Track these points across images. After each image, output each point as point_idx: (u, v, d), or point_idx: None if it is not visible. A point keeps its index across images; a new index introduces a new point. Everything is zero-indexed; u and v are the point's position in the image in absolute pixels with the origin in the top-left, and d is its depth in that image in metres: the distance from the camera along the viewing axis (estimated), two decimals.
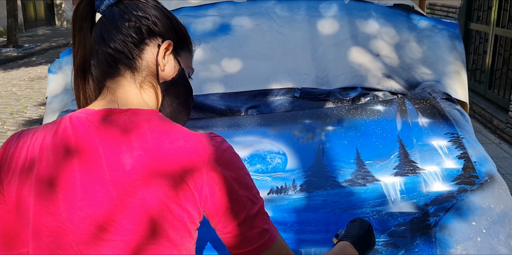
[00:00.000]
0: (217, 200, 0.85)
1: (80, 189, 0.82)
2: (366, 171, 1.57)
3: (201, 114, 2.04)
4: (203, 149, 0.85)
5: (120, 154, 0.83)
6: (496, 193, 1.48)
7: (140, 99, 0.91)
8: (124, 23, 0.90)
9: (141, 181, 0.82)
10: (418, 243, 1.31)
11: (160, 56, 0.92)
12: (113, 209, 0.82)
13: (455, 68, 2.23)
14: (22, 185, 0.84)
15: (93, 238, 0.82)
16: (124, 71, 0.91)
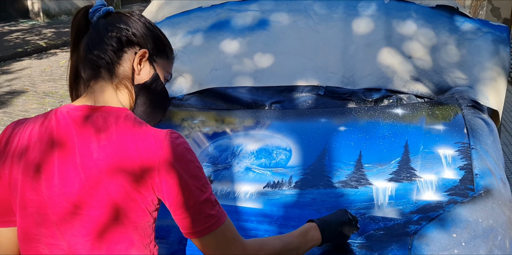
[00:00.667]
0: (169, 188, 0.98)
1: (57, 171, 0.99)
2: (362, 174, 1.62)
3: (229, 105, 2.17)
4: (159, 145, 0.98)
5: (90, 144, 0.99)
6: (488, 208, 1.48)
7: (114, 98, 1.06)
8: (107, 33, 1.06)
9: (105, 167, 0.97)
10: (393, 249, 1.36)
11: (135, 62, 1.07)
12: (81, 188, 0.98)
13: (492, 74, 2.17)
14: (15, 166, 1.02)
15: (66, 211, 0.99)
16: (104, 74, 1.06)
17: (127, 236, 1.01)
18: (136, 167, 0.97)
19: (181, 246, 1.42)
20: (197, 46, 2.36)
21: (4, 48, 8.13)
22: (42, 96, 5.82)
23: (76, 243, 1.00)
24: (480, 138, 1.78)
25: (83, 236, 1.00)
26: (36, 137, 1.02)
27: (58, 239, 1.01)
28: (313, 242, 1.23)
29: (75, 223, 0.99)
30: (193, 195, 0.99)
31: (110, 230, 1.00)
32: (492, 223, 1.45)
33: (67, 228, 1.00)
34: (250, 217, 1.49)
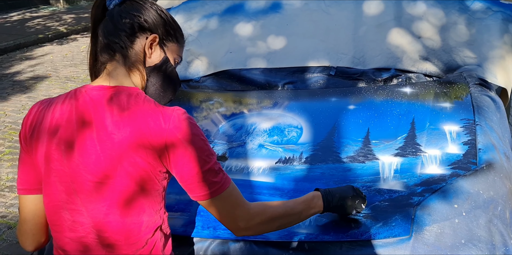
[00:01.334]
0: (175, 159, 1.09)
1: (77, 144, 1.10)
2: (369, 149, 1.71)
3: (244, 86, 2.26)
4: (166, 121, 1.08)
5: (105, 120, 1.09)
6: (489, 180, 1.55)
7: (128, 79, 1.16)
8: (121, 20, 1.15)
9: (118, 141, 1.07)
10: (396, 218, 1.45)
11: (146, 47, 1.16)
12: (97, 160, 1.09)
13: (500, 52, 2.21)
14: (47, 142, 1.13)
15: (84, 180, 1.11)
16: (118, 57, 1.15)
17: (138, 202, 1.12)
18: (146, 140, 1.07)
19: (198, 217, 1.53)
20: (212, 29, 2.45)
21: (27, 34, 8.31)
22: (64, 81, 5.98)
23: (93, 209, 1.11)
24: (486, 115, 1.84)
25: (99, 202, 1.11)
26: (59, 115, 1.13)
27: (78, 205, 1.12)
28: (315, 209, 1.33)
29: (92, 191, 1.11)
30: (197, 165, 1.09)
31: (123, 197, 1.11)
32: (493, 195, 1.52)
33: (85, 196, 1.11)
34: (263, 190, 1.59)
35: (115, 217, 1.11)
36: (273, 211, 1.22)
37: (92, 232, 1.13)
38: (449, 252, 1.41)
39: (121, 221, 1.12)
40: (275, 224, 1.24)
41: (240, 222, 1.17)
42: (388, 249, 1.41)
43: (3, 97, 5.46)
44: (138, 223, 1.13)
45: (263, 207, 1.22)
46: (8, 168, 3.84)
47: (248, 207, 1.17)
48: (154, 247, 1.16)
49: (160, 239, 1.18)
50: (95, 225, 1.12)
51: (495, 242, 1.45)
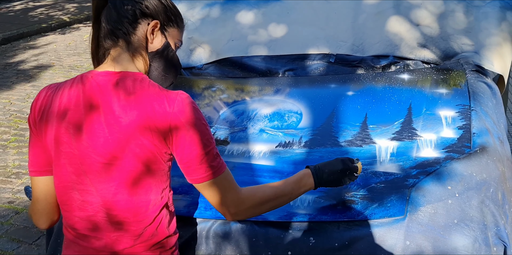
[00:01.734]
0: (177, 141, 1.14)
1: (85, 128, 1.15)
2: (367, 134, 1.76)
3: (245, 73, 2.30)
4: (171, 104, 1.13)
5: (112, 104, 1.14)
6: (482, 163, 1.60)
7: (131, 64, 1.20)
8: (123, 7, 1.18)
9: (125, 123, 1.13)
10: (392, 199, 1.50)
11: (148, 32, 1.21)
12: (105, 142, 1.14)
13: (497, 39, 2.25)
14: (56, 126, 1.18)
15: (93, 161, 1.16)
16: (121, 43, 1.19)
17: (146, 182, 1.18)
18: (151, 123, 1.12)
19: (201, 198, 1.59)
20: (215, 17, 2.49)
21: (30, 23, 8.34)
22: (68, 70, 6.03)
23: (103, 189, 1.17)
24: (481, 101, 1.88)
25: (108, 182, 1.17)
26: (67, 100, 1.18)
27: (87, 185, 1.18)
28: (306, 187, 1.39)
29: (101, 171, 1.16)
30: (197, 147, 1.14)
31: (131, 177, 1.16)
32: (486, 177, 1.58)
33: (94, 176, 1.17)
34: (263, 173, 1.64)
35: (124, 196, 1.17)
36: (262, 195, 1.27)
37: (101, 211, 1.18)
38: (442, 232, 1.46)
39: (129, 200, 1.17)
40: (265, 207, 1.30)
41: (230, 207, 1.23)
42: (383, 228, 1.47)
43: (7, 86, 5.52)
44: (145, 201, 1.18)
45: (253, 192, 1.27)
46: (14, 155, 3.91)
47: (238, 192, 1.23)
48: (160, 224, 1.22)
49: (165, 217, 1.24)
50: (104, 204, 1.18)
51: (486, 222, 1.51)
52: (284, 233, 1.49)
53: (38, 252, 2.78)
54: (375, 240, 1.46)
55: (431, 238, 1.45)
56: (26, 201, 3.29)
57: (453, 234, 1.46)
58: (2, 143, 4.13)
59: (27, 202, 3.27)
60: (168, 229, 1.25)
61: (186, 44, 2.44)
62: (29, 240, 2.89)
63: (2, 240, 2.88)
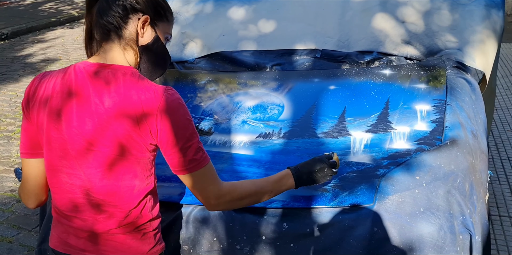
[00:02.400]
0: (162, 134, 1.22)
1: (76, 115, 1.23)
2: (343, 126, 1.83)
3: (235, 67, 2.38)
4: (157, 98, 1.20)
5: (102, 94, 1.22)
6: (452, 155, 1.67)
7: (122, 57, 1.25)
8: (114, 1, 1.23)
9: (113, 114, 1.21)
10: (362, 188, 1.57)
11: (139, 27, 1.27)
12: (94, 130, 1.22)
13: (480, 37, 2.31)
14: (41, 111, 1.26)
15: (82, 147, 1.24)
16: (113, 36, 1.24)
17: (131, 168, 1.25)
18: (138, 114, 1.20)
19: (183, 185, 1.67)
20: (208, 13, 2.57)
21: (39, 17, 8.48)
22: None
23: (90, 173, 1.25)
24: (458, 96, 1.95)
25: (95, 168, 1.25)
26: (58, 88, 1.25)
27: (76, 169, 1.26)
28: (286, 187, 1.46)
29: (89, 157, 1.24)
30: (180, 141, 1.22)
31: (117, 163, 1.24)
32: (454, 168, 1.64)
33: (82, 161, 1.25)
34: (242, 161, 1.72)
35: (109, 181, 1.24)
36: (242, 191, 1.35)
37: (87, 194, 1.26)
38: (408, 219, 1.53)
39: (114, 185, 1.25)
40: (244, 202, 1.38)
41: (211, 199, 1.31)
42: (352, 215, 1.54)
43: (14, 78, 5.65)
44: (130, 186, 1.26)
45: (234, 187, 1.35)
46: (18, 146, 4.03)
47: (220, 186, 1.30)
48: (143, 208, 1.30)
49: (149, 201, 1.32)
50: (91, 188, 1.25)
51: (452, 211, 1.58)
52: (259, 219, 1.57)
53: (37, 238, 2.89)
54: (344, 226, 1.53)
55: (398, 225, 1.52)
56: None
57: (419, 222, 1.53)
58: (7, 134, 4.25)
59: None
60: (151, 213, 1.32)
61: (179, 39, 2.52)
62: (28, 227, 3.00)
63: (3, 226, 2.99)
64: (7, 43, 7.28)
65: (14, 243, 2.83)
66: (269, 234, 1.56)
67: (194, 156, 1.24)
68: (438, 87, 1.99)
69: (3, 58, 6.47)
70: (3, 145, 4.05)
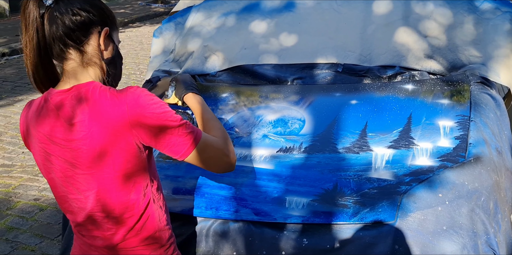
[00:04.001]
0: (145, 131, 1.17)
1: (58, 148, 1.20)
2: (365, 141, 1.82)
3: (256, 81, 2.40)
4: (123, 102, 1.15)
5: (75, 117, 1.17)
6: (475, 173, 1.64)
7: (86, 75, 1.22)
8: (72, 17, 1.17)
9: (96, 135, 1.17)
10: (383, 205, 1.56)
11: (101, 40, 1.22)
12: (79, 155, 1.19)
13: (505, 51, 2.28)
14: (33, 146, 1.27)
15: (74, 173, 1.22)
16: (74, 55, 1.20)
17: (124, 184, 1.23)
18: (116, 125, 1.16)
19: (203, 198, 1.68)
20: (229, 27, 2.59)
21: None
22: None
23: (88, 196, 1.25)
24: (482, 112, 1.92)
25: (89, 190, 1.24)
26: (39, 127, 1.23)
27: (75, 194, 1.26)
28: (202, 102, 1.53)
29: (82, 181, 1.23)
30: (166, 129, 1.18)
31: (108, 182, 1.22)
32: (477, 186, 1.62)
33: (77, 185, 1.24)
34: (263, 176, 1.73)
35: (106, 200, 1.24)
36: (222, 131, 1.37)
37: (93, 214, 1.27)
38: (431, 237, 1.51)
39: (113, 202, 1.24)
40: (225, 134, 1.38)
41: (231, 153, 1.30)
42: (373, 232, 1.53)
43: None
44: (129, 201, 1.25)
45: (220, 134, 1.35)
46: None
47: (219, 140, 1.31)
48: (148, 219, 1.29)
49: (155, 211, 1.31)
50: (92, 208, 1.26)
51: (476, 230, 1.55)
52: (279, 234, 1.56)
53: (59, 247, 2.92)
54: (365, 243, 1.52)
55: (419, 243, 1.50)
56: (51, 198, 3.46)
57: (442, 241, 1.51)
58: None
59: (51, 200, 3.43)
60: (159, 223, 1.32)
61: (201, 52, 2.55)
62: (51, 235, 3.04)
63: (26, 235, 3.04)
64: None
65: (37, 252, 2.87)
66: (288, 249, 1.55)
67: (187, 129, 1.21)
68: (462, 102, 1.97)
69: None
70: (28, 154, 4.12)
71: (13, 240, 2.99)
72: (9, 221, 3.19)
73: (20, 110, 5.09)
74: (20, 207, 3.35)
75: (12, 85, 5.91)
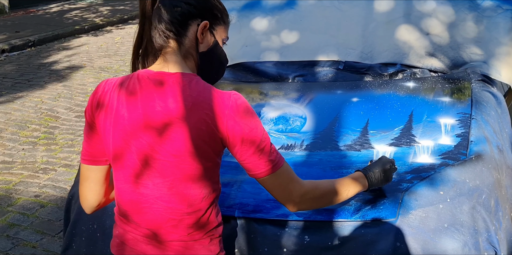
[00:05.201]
0: (234, 139, 1.17)
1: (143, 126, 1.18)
2: (366, 139, 1.82)
3: (257, 78, 2.40)
4: (226, 105, 1.15)
5: (169, 105, 1.17)
6: (477, 170, 1.65)
7: (184, 65, 1.22)
8: (173, 8, 1.20)
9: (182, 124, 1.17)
10: (385, 202, 1.56)
11: (198, 33, 1.21)
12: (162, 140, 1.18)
13: (506, 49, 2.28)
14: (107, 121, 1.24)
15: (150, 157, 1.19)
16: (173, 44, 1.21)
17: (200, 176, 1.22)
18: (208, 121, 1.17)
19: None
20: (231, 24, 2.58)
21: (65, 25, 8.65)
22: (98, 71, 6.24)
23: (158, 183, 1.23)
24: (483, 109, 1.92)
25: (164, 177, 1.21)
26: (124, 98, 1.22)
27: (143, 179, 1.23)
28: (360, 188, 1.45)
29: (157, 167, 1.21)
30: (254, 144, 1.19)
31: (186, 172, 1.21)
32: (479, 184, 1.62)
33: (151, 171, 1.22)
34: None
35: (179, 189, 1.23)
36: (323, 189, 1.34)
37: (156, 203, 1.25)
38: (432, 235, 1.52)
39: (184, 193, 1.24)
40: (324, 201, 1.36)
41: (294, 196, 1.28)
42: (375, 229, 1.53)
43: (40, 85, 5.76)
44: (199, 194, 1.25)
45: (315, 184, 1.33)
46: (43, 152, 4.10)
47: (301, 183, 1.29)
48: (211, 214, 1.29)
49: (215, 207, 1.31)
50: (160, 197, 1.24)
51: (477, 228, 1.55)
52: (281, 231, 1.57)
53: (60, 244, 2.93)
54: (367, 241, 1.52)
55: (421, 240, 1.51)
56: (51, 195, 3.46)
57: (443, 238, 1.51)
58: (33, 140, 4.34)
59: (52, 197, 3.44)
60: (217, 219, 1.32)
61: None
62: (52, 232, 3.04)
63: (27, 231, 3.04)
64: (34, 50, 7.44)
65: (38, 248, 2.88)
66: (290, 246, 1.55)
67: (270, 157, 1.22)
68: (463, 100, 1.97)
69: (30, 65, 6.61)
70: (28, 151, 4.13)
71: (14, 236, 2.99)
72: (10, 217, 3.19)
73: (20, 107, 5.10)
74: (21, 204, 3.36)
75: (12, 82, 5.91)
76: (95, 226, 1.69)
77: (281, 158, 1.25)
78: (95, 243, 1.69)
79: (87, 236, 1.71)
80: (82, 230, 1.73)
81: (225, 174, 1.69)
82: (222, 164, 1.32)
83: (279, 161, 1.24)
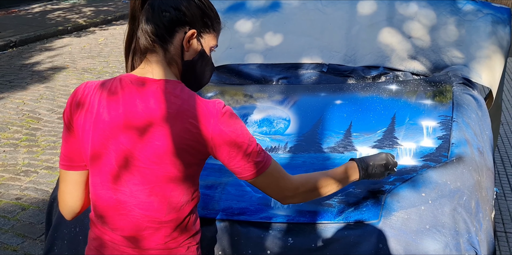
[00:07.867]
0: (221, 147, 1.16)
1: (123, 131, 1.18)
2: (349, 141, 1.84)
3: (241, 80, 2.40)
4: (210, 114, 1.14)
5: (152, 111, 1.15)
6: (458, 172, 1.67)
7: (168, 72, 1.20)
8: (161, 13, 1.16)
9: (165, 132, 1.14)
10: (367, 204, 1.57)
11: (184, 41, 1.18)
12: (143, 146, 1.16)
13: (487, 52, 2.32)
14: (87, 124, 1.18)
15: (129, 164, 1.17)
16: (158, 49, 1.19)
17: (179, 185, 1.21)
18: (193, 131, 1.16)
19: None
20: None
21: (47, 26, 8.55)
22: (81, 72, 6.18)
23: (137, 190, 1.21)
24: (464, 112, 1.95)
25: (143, 184, 1.20)
26: (105, 102, 1.19)
27: (122, 186, 1.21)
28: (351, 178, 1.46)
29: (136, 173, 1.19)
30: (241, 149, 1.19)
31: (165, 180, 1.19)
32: (460, 186, 1.64)
33: (129, 178, 1.20)
34: None
35: (157, 197, 1.21)
36: (314, 182, 1.34)
37: (133, 210, 1.23)
38: (414, 236, 1.53)
39: (163, 201, 1.22)
40: (316, 193, 1.37)
41: (287, 192, 1.29)
42: (358, 231, 1.54)
43: (22, 86, 5.69)
44: (178, 202, 1.23)
45: (306, 178, 1.34)
46: (24, 154, 4.05)
47: (291, 179, 1.29)
48: (188, 222, 1.28)
49: (193, 215, 1.29)
50: (138, 204, 1.22)
51: (458, 229, 1.57)
52: (265, 233, 1.57)
53: (42, 247, 2.89)
54: (349, 242, 1.53)
55: (403, 242, 1.52)
56: (32, 198, 3.42)
57: (425, 239, 1.53)
58: (14, 142, 4.28)
59: (34, 199, 3.39)
60: (195, 227, 1.31)
61: None
62: (33, 235, 3.00)
63: (8, 234, 3.00)
64: (15, 50, 7.34)
65: (19, 252, 2.84)
66: (274, 248, 1.56)
67: (257, 158, 1.21)
68: (444, 103, 2.00)
69: (11, 66, 6.52)
70: (9, 153, 4.07)
71: None
72: None
73: (1, 109, 5.03)
74: (2, 207, 3.31)
75: None
76: (77, 229, 1.67)
77: (269, 157, 1.25)
78: (77, 246, 1.67)
79: (69, 239, 1.69)
80: (64, 233, 1.71)
81: (209, 177, 1.69)
82: (206, 166, 1.31)
83: (267, 161, 1.24)
